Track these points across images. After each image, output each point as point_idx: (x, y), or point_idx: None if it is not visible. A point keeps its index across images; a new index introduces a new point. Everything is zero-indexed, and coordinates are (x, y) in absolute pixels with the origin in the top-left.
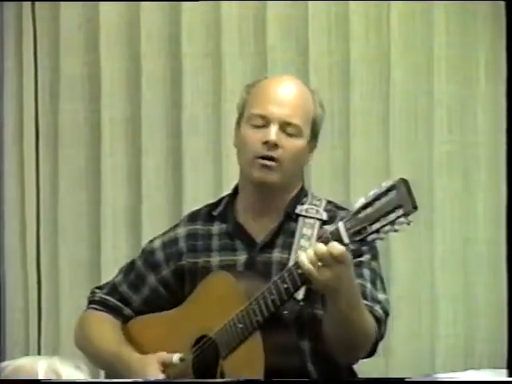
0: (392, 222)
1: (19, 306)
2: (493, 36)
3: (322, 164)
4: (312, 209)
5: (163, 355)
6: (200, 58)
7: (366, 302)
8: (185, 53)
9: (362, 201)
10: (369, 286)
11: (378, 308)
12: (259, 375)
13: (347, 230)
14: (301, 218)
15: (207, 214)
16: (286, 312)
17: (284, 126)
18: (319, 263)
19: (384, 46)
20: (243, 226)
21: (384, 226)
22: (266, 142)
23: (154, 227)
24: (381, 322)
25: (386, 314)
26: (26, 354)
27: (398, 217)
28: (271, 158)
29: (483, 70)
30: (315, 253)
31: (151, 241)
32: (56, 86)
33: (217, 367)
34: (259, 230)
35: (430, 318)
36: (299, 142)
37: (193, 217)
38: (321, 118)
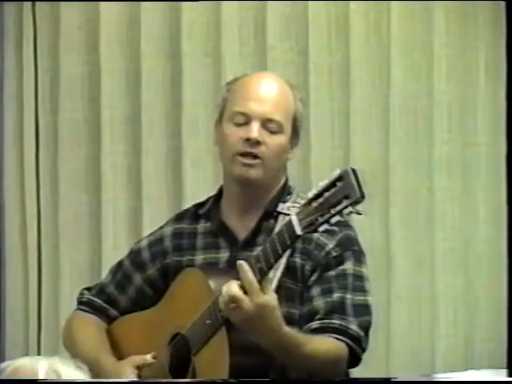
0: (340, 212)
1: (19, 306)
2: (493, 36)
3: (322, 164)
4: (294, 207)
5: (135, 358)
6: (200, 58)
7: (339, 322)
8: (185, 53)
9: (313, 191)
10: (349, 296)
11: (353, 326)
12: (225, 370)
13: (300, 221)
14: (280, 216)
15: (193, 213)
16: None
17: (265, 123)
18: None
19: (384, 46)
20: (226, 223)
21: (333, 216)
22: (247, 140)
23: (155, 227)
24: (359, 339)
25: (366, 327)
26: (26, 354)
27: (346, 207)
28: (253, 156)
29: (483, 70)
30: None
31: (139, 241)
32: (56, 85)
33: (189, 364)
34: (242, 227)
35: (429, 318)
36: (281, 139)
37: (180, 216)
38: (301, 113)
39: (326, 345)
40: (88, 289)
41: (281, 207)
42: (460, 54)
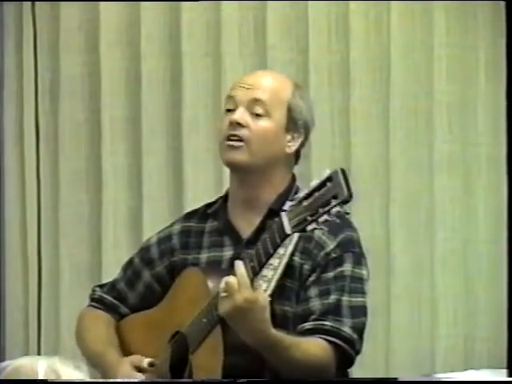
0: (328, 212)
1: (19, 306)
2: (493, 36)
3: (321, 164)
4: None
5: (135, 358)
6: (200, 58)
7: (332, 323)
8: (185, 53)
9: (304, 191)
10: (345, 298)
11: (346, 328)
12: (218, 370)
13: (289, 220)
14: None
15: (203, 212)
16: None
17: (250, 106)
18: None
19: (384, 46)
20: (232, 222)
21: (321, 215)
22: (231, 123)
23: (155, 227)
24: (352, 341)
25: (361, 329)
26: (26, 354)
27: (334, 206)
28: (237, 138)
29: (483, 70)
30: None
31: (149, 238)
32: (56, 85)
33: (187, 362)
34: (246, 225)
35: (429, 318)
36: (266, 123)
37: (189, 215)
38: (300, 108)
39: (316, 347)
40: (101, 286)
41: (287, 205)
42: (460, 54)
